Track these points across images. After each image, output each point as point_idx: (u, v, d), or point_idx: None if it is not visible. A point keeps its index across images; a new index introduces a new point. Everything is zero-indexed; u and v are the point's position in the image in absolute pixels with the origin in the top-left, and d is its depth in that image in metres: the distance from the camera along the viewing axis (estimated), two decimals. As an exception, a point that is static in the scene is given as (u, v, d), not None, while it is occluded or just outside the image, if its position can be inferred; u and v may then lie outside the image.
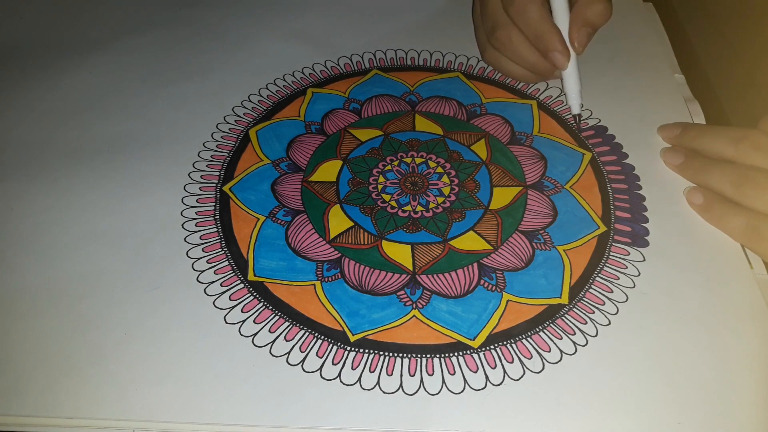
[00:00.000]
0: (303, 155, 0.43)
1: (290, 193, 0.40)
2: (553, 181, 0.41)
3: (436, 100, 0.46)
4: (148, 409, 0.31)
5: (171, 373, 0.32)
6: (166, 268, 0.36)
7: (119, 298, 0.35)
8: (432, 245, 0.38)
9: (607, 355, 0.33)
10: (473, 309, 0.35)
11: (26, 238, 0.38)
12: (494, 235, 0.38)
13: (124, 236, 0.38)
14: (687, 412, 0.31)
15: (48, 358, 0.33)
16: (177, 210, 0.39)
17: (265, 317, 0.34)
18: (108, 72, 0.48)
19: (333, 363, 0.33)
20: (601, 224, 0.39)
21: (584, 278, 0.36)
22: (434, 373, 0.32)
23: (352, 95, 0.47)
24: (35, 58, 0.49)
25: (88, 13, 0.54)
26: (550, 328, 0.34)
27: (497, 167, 0.42)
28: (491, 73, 0.48)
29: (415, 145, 0.43)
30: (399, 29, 0.52)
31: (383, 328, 0.34)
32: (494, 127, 0.44)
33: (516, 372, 0.32)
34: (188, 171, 0.41)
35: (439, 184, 0.41)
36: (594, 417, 0.31)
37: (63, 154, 0.42)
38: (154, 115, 0.45)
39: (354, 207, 0.40)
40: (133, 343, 0.33)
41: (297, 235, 0.38)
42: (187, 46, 0.50)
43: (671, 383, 0.32)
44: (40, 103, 0.46)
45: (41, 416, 0.31)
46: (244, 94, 0.46)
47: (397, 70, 0.49)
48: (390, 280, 0.36)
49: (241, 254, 0.37)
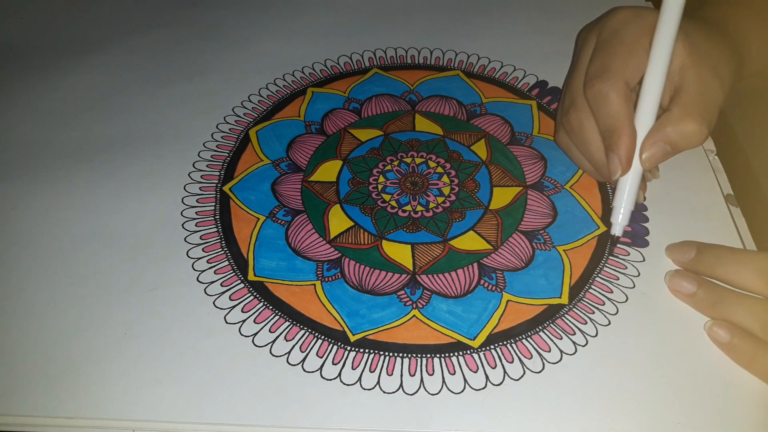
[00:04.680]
0: (303, 155, 0.43)
1: (290, 193, 0.40)
2: (553, 181, 0.41)
3: (436, 100, 0.46)
4: (148, 409, 0.31)
5: (171, 373, 0.32)
6: (166, 268, 0.36)
7: (119, 298, 0.35)
8: (432, 245, 0.38)
9: (607, 355, 0.33)
10: (473, 309, 0.35)
11: (26, 238, 0.38)
12: (494, 235, 0.38)
13: (124, 236, 0.38)
14: (687, 412, 0.31)
15: (48, 358, 0.33)
16: (177, 210, 0.39)
17: (265, 317, 0.34)
18: (108, 72, 0.48)
19: (333, 363, 0.33)
20: (601, 224, 0.39)
21: (584, 278, 0.36)
22: (434, 373, 0.32)
23: (352, 95, 0.47)
24: (35, 58, 0.49)
25: (88, 14, 0.54)
26: (550, 328, 0.34)
27: (497, 167, 0.42)
28: (491, 72, 0.48)
29: (415, 145, 0.43)
30: (399, 27, 0.52)
31: (383, 328, 0.34)
32: (494, 128, 0.44)
33: (516, 372, 0.32)
34: (188, 171, 0.41)
35: (439, 184, 0.41)
36: (594, 417, 0.31)
37: (63, 154, 0.42)
38: (154, 115, 0.45)
39: (354, 207, 0.40)
40: (133, 343, 0.33)
41: (297, 235, 0.38)
42: (187, 46, 0.50)
43: (671, 383, 0.32)
44: (40, 103, 0.46)
45: (41, 416, 0.31)
46: (244, 94, 0.46)
47: (398, 68, 0.49)
48: (390, 280, 0.36)
49: (241, 254, 0.37)
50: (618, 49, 0.35)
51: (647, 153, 0.34)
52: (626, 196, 0.35)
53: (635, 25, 0.35)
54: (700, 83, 0.34)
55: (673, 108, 0.34)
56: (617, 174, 0.35)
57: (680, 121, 0.34)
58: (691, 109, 0.34)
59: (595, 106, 0.35)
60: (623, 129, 0.34)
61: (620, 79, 0.34)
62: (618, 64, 0.35)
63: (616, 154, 0.34)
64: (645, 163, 0.34)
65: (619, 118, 0.34)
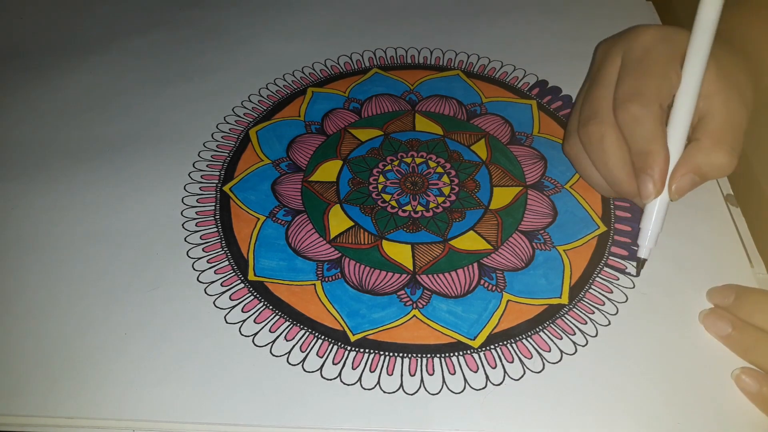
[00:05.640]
0: (303, 155, 0.43)
1: (290, 193, 0.40)
2: (553, 181, 0.41)
3: (436, 100, 0.46)
4: (148, 409, 0.31)
5: (171, 373, 0.32)
6: (166, 268, 0.36)
7: (119, 298, 0.35)
8: (432, 245, 0.38)
9: (607, 355, 0.33)
10: (473, 309, 0.35)
11: (26, 238, 0.38)
12: (494, 235, 0.38)
13: (124, 236, 0.38)
14: (686, 413, 0.31)
15: (48, 358, 0.33)
16: (177, 210, 0.39)
17: (265, 317, 0.34)
18: (108, 72, 0.48)
19: (333, 363, 0.33)
20: (601, 224, 0.39)
21: (584, 278, 0.36)
22: (434, 372, 0.32)
23: (352, 95, 0.47)
24: (35, 58, 0.49)
25: (88, 14, 0.54)
26: (550, 328, 0.34)
27: (497, 167, 0.42)
28: (491, 72, 0.48)
29: (415, 145, 0.43)
30: (399, 27, 0.52)
31: (383, 327, 0.34)
32: (494, 127, 0.44)
33: (516, 372, 0.32)
34: (188, 171, 0.41)
35: (439, 183, 0.41)
36: (594, 417, 0.31)
37: (63, 154, 0.42)
38: (154, 115, 0.45)
39: (354, 207, 0.40)
40: (133, 343, 0.33)
41: (297, 235, 0.38)
42: (188, 46, 0.50)
43: (671, 383, 0.32)
44: (41, 103, 0.46)
45: (42, 416, 0.31)
46: (244, 94, 0.46)
47: (398, 68, 0.49)
48: (390, 280, 0.36)
49: (241, 254, 0.37)
50: (651, 71, 0.35)
51: (677, 184, 0.34)
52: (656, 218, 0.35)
53: (667, 46, 0.35)
54: (728, 111, 0.34)
55: (701, 138, 0.34)
56: (650, 197, 0.34)
57: (711, 152, 0.33)
58: (721, 139, 0.34)
59: (628, 129, 0.34)
60: (659, 152, 0.33)
61: (655, 103, 0.34)
62: (652, 87, 0.34)
63: (650, 176, 0.34)
64: (674, 194, 0.34)
65: (655, 141, 0.33)
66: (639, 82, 0.35)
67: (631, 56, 0.36)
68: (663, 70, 0.34)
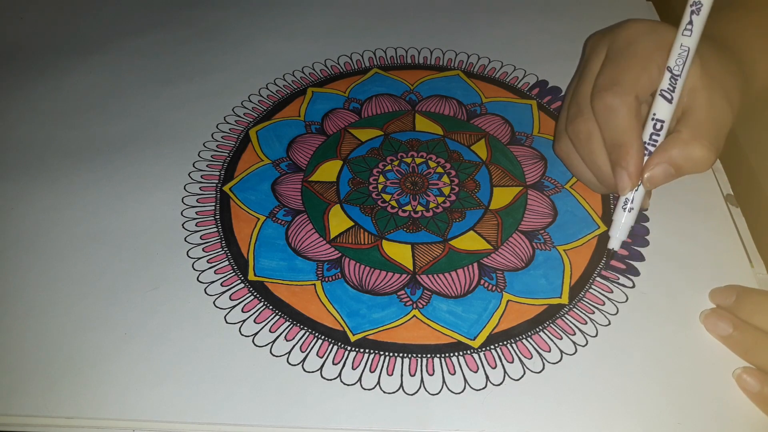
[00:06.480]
0: (303, 155, 0.43)
1: (290, 193, 0.40)
2: (553, 181, 0.41)
3: (436, 100, 0.46)
4: (148, 409, 0.31)
5: (171, 373, 0.32)
6: (166, 268, 0.36)
7: (119, 298, 0.35)
8: (432, 245, 0.38)
9: (607, 355, 0.33)
10: (473, 309, 0.35)
11: (26, 238, 0.38)
12: (494, 235, 0.38)
13: (124, 236, 0.38)
14: (686, 413, 0.31)
15: (48, 358, 0.33)
16: (177, 210, 0.39)
17: (265, 317, 0.34)
18: (108, 72, 0.48)
19: (333, 363, 0.33)
20: (601, 224, 0.39)
21: (584, 278, 0.36)
22: (434, 373, 0.32)
23: (353, 95, 0.47)
24: (36, 58, 0.49)
25: (89, 14, 0.54)
26: (550, 328, 0.34)
27: (497, 167, 0.42)
28: (491, 72, 0.48)
29: (415, 145, 0.43)
30: (399, 27, 0.52)
31: (383, 328, 0.34)
32: (494, 127, 0.44)
33: (516, 372, 0.32)
34: (188, 171, 0.41)
35: (439, 184, 0.41)
36: (594, 417, 0.31)
37: (63, 154, 0.42)
38: (154, 116, 0.45)
39: (354, 207, 0.40)
40: (133, 343, 0.33)
41: (297, 235, 0.38)
42: (188, 46, 0.50)
43: (671, 383, 0.32)
44: (41, 103, 0.46)
45: (42, 416, 0.31)
46: (244, 94, 0.46)
47: (398, 68, 0.49)
48: (390, 280, 0.36)
49: (241, 254, 0.37)
50: (631, 63, 0.34)
51: (649, 173, 0.33)
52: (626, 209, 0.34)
53: (650, 38, 0.35)
54: (710, 107, 0.34)
55: (681, 130, 0.34)
56: (626, 190, 0.34)
57: (688, 145, 0.33)
58: (700, 133, 0.33)
59: (602, 119, 0.34)
60: (631, 143, 0.33)
61: (631, 93, 0.33)
62: (630, 77, 0.34)
63: (624, 169, 0.33)
64: (646, 183, 0.34)
65: (627, 132, 0.33)
66: (617, 72, 0.34)
67: (614, 48, 0.36)
68: (643, 62, 0.34)
